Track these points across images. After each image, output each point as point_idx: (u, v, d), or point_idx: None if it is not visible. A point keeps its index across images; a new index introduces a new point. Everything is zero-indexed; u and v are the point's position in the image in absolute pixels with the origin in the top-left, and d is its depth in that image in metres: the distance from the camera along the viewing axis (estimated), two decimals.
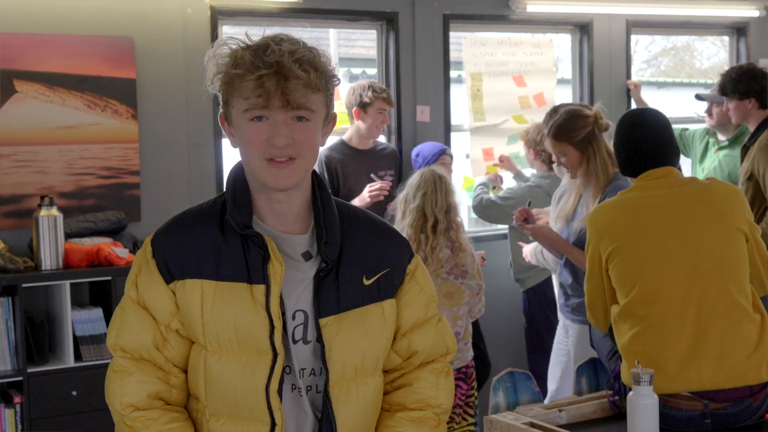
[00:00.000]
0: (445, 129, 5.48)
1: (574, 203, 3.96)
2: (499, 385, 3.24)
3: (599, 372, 3.45)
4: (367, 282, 1.89)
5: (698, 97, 5.37)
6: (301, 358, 1.85)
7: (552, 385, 4.18)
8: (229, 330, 1.80)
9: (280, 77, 1.74)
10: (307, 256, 1.87)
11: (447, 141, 5.45)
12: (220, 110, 1.87)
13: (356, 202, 4.65)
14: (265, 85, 1.74)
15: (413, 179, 4.08)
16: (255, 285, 1.81)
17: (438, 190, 4.02)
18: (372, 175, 4.86)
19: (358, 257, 1.90)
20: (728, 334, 2.89)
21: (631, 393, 2.76)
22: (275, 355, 1.80)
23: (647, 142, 3.11)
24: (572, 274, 3.97)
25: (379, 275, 1.91)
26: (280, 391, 1.81)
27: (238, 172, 1.90)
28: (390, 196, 4.73)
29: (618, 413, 3.08)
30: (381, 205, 4.77)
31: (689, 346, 2.88)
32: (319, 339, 1.84)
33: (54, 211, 4.21)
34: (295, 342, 1.84)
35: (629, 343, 2.95)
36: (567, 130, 3.87)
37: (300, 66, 1.75)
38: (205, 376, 1.84)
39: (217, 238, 1.84)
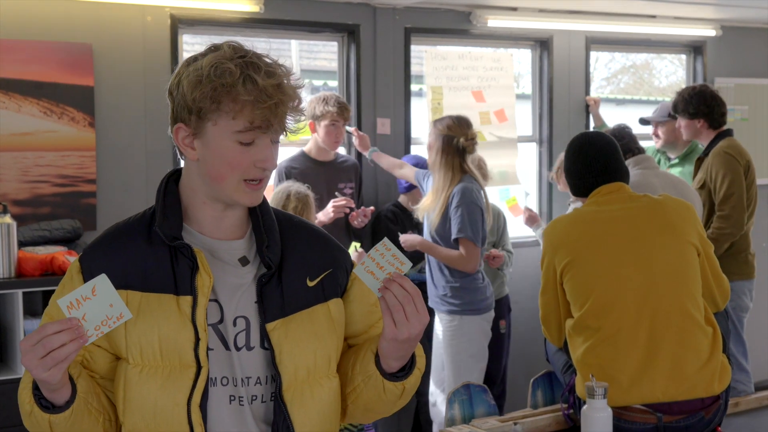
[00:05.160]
0: (405, 142, 5.48)
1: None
2: (454, 398, 3.24)
3: (555, 385, 3.47)
4: (311, 283, 1.89)
5: (642, 121, 5.54)
6: (245, 366, 1.82)
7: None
8: (153, 342, 1.77)
9: (282, 105, 1.76)
10: (243, 261, 1.87)
11: (407, 154, 5.45)
12: (178, 123, 1.82)
13: (320, 215, 4.64)
14: (272, 112, 1.75)
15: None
16: (182, 296, 1.79)
17: None
18: (338, 191, 4.85)
19: (300, 260, 1.90)
20: (681, 346, 2.92)
21: (585, 406, 2.77)
22: (199, 368, 1.78)
23: (596, 159, 3.17)
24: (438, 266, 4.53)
25: (322, 276, 1.91)
26: (204, 407, 1.78)
27: (170, 182, 1.89)
28: (352, 210, 4.74)
29: (573, 426, 3.10)
30: (340, 220, 4.76)
31: (642, 358, 2.91)
32: (265, 344, 1.82)
33: (7, 218, 4.14)
34: (238, 349, 1.82)
35: (583, 356, 2.96)
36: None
37: (295, 92, 1.78)
38: (125, 389, 1.79)
39: (144, 250, 1.82)
